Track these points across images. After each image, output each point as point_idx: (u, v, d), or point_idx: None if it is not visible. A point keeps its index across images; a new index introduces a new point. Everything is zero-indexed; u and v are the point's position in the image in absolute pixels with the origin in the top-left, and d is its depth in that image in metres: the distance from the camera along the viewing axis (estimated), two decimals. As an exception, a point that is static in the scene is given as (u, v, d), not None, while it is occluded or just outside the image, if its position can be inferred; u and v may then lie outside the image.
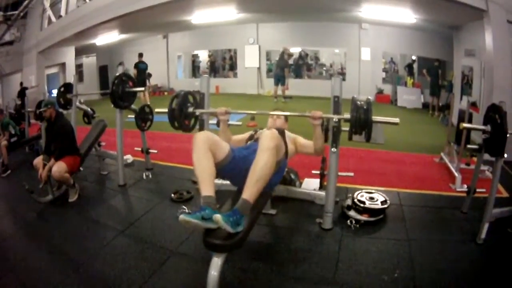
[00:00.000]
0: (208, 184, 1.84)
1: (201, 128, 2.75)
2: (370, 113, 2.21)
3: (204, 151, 1.91)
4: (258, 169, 1.82)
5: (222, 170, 2.08)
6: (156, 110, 2.79)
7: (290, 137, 2.62)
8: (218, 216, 1.62)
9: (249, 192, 1.78)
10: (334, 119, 2.37)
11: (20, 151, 5.16)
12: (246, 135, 2.69)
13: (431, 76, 7.79)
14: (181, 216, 1.67)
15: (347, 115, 2.32)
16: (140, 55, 9.02)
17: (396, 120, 2.33)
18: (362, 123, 2.23)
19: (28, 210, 3.17)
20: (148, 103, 5.07)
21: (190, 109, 2.58)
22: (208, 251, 2.17)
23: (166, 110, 2.59)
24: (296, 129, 2.92)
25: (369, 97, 2.35)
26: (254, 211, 1.87)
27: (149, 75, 10.89)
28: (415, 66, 9.26)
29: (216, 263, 1.67)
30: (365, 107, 2.25)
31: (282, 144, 2.06)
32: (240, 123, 3.47)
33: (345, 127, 2.48)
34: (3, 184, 4.20)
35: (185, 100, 2.55)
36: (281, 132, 2.34)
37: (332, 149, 2.47)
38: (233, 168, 2.08)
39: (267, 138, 1.90)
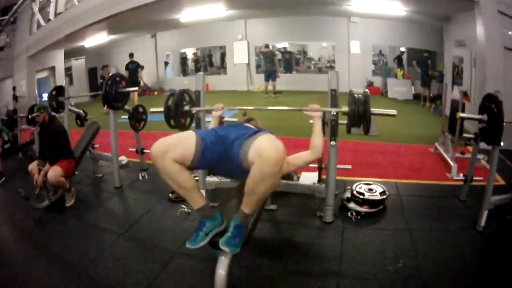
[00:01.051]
0: (194, 197, 1.66)
1: (198, 126, 2.72)
2: (369, 106, 2.20)
3: (167, 164, 1.56)
4: (259, 192, 1.54)
5: (198, 167, 1.73)
6: (151, 109, 2.76)
7: None
8: (226, 249, 1.59)
9: (249, 207, 1.61)
10: (332, 112, 2.37)
11: (13, 158, 5.06)
12: None
13: (421, 67, 7.83)
14: (188, 245, 1.65)
15: (344, 108, 2.32)
16: (131, 55, 8.93)
17: (394, 112, 2.33)
18: (360, 115, 2.21)
19: (25, 217, 3.11)
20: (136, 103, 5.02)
21: (186, 107, 2.55)
22: (211, 250, 2.17)
23: (161, 109, 2.55)
24: (292, 124, 2.91)
25: (367, 90, 2.34)
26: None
27: (141, 67, 10.67)
28: (404, 57, 9.32)
29: (224, 262, 1.64)
30: (363, 99, 2.24)
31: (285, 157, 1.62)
32: (236, 119, 3.44)
33: (341, 120, 2.48)
34: (-2, 192, 4.11)
35: (181, 98, 2.52)
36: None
37: (331, 143, 2.47)
38: (210, 158, 1.69)
39: (271, 161, 1.46)
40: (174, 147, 1.59)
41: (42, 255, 2.50)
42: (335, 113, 2.38)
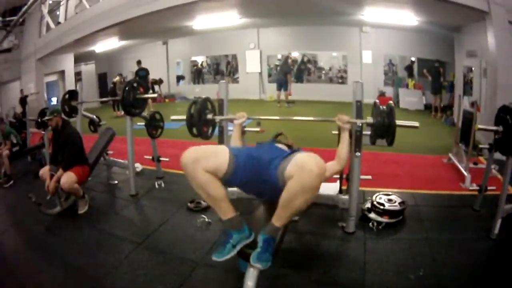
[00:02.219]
0: (223, 207, 1.62)
1: (221, 136, 2.69)
2: (394, 117, 2.20)
3: (199, 174, 1.55)
4: (295, 206, 1.51)
5: (228, 183, 1.70)
6: (172, 117, 2.73)
7: None
8: (258, 266, 1.55)
9: (281, 221, 1.58)
10: (358, 124, 2.36)
11: (21, 161, 5.03)
12: None
13: (432, 77, 7.77)
14: (214, 258, 1.61)
15: (369, 119, 2.31)
16: (139, 62, 8.98)
17: (416, 123, 2.34)
18: (385, 127, 2.21)
19: (35, 222, 3.04)
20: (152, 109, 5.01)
21: (209, 116, 2.54)
22: (234, 260, 2.13)
23: (183, 117, 2.54)
24: (309, 135, 2.88)
25: (391, 102, 2.35)
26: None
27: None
28: (414, 67, 9.29)
29: (252, 273, 1.61)
30: (388, 111, 2.24)
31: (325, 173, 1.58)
32: (258, 129, 3.42)
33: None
34: (7, 195, 4.05)
35: (204, 106, 2.51)
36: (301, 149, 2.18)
37: (356, 153, 2.46)
38: (242, 177, 1.68)
39: (313, 173, 1.44)
40: (207, 157, 1.57)
41: (54, 263, 2.42)
42: (360, 124, 2.37)
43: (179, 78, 12.20)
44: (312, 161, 1.47)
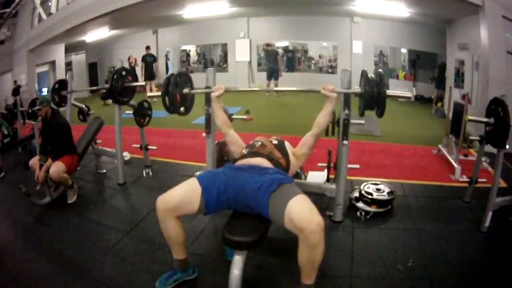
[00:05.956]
0: (176, 250, 1.89)
1: (208, 124, 2.67)
2: (383, 86, 2.08)
3: (168, 221, 1.76)
4: (317, 261, 1.60)
5: (205, 213, 1.83)
6: (148, 94, 2.67)
7: (290, 148, 2.29)
8: None
9: (312, 278, 1.67)
10: (344, 112, 2.35)
11: (12, 152, 4.97)
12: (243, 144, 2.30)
13: (439, 71, 7.68)
14: (156, 285, 1.87)
15: (357, 89, 2.24)
16: (147, 47, 9.00)
17: (409, 94, 2.32)
18: (375, 96, 2.07)
19: (25, 213, 3.02)
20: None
21: (186, 90, 2.47)
22: (221, 249, 2.14)
23: (158, 94, 2.51)
24: (296, 123, 2.85)
25: (380, 70, 2.24)
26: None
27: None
28: (405, 57, 9.26)
29: (238, 261, 1.63)
30: (377, 80, 2.11)
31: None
32: (246, 116, 3.42)
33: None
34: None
35: (182, 80, 2.43)
36: (281, 144, 2.20)
37: (344, 142, 2.45)
38: (216, 207, 1.80)
39: (316, 234, 1.52)
40: (180, 203, 1.73)
41: (43, 254, 2.41)
42: (348, 113, 2.36)
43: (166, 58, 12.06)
44: (309, 218, 1.52)
